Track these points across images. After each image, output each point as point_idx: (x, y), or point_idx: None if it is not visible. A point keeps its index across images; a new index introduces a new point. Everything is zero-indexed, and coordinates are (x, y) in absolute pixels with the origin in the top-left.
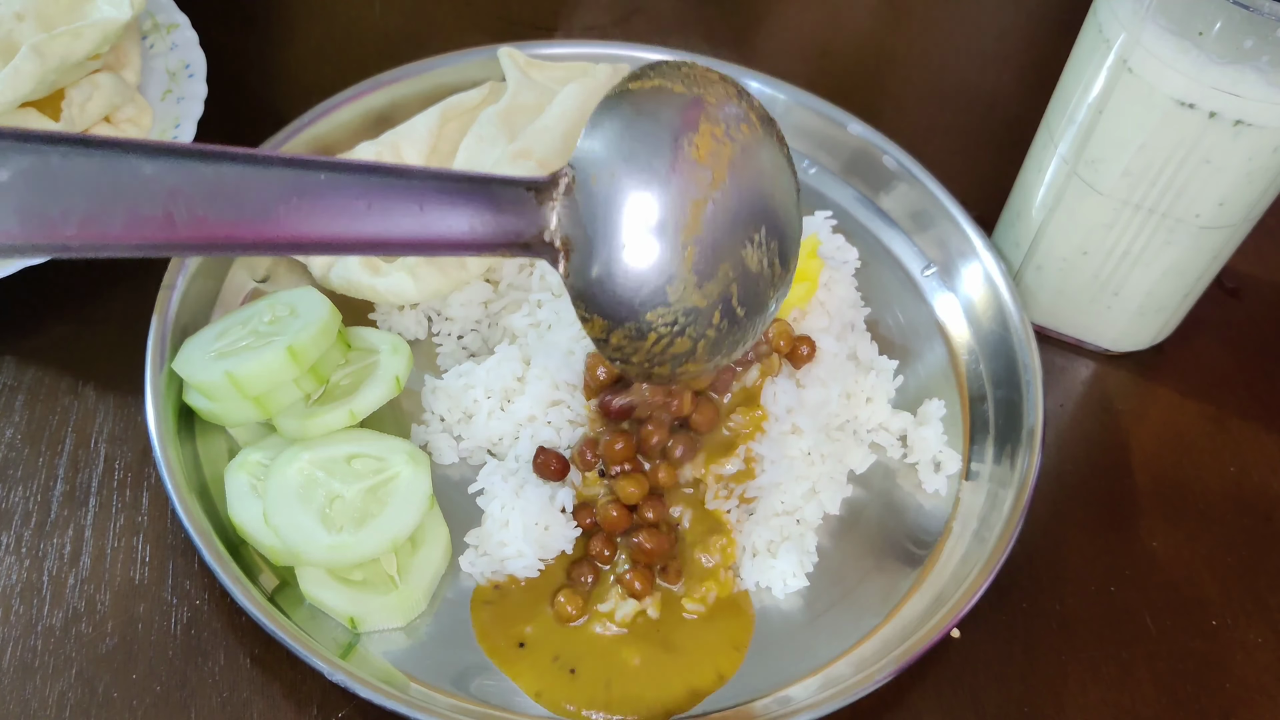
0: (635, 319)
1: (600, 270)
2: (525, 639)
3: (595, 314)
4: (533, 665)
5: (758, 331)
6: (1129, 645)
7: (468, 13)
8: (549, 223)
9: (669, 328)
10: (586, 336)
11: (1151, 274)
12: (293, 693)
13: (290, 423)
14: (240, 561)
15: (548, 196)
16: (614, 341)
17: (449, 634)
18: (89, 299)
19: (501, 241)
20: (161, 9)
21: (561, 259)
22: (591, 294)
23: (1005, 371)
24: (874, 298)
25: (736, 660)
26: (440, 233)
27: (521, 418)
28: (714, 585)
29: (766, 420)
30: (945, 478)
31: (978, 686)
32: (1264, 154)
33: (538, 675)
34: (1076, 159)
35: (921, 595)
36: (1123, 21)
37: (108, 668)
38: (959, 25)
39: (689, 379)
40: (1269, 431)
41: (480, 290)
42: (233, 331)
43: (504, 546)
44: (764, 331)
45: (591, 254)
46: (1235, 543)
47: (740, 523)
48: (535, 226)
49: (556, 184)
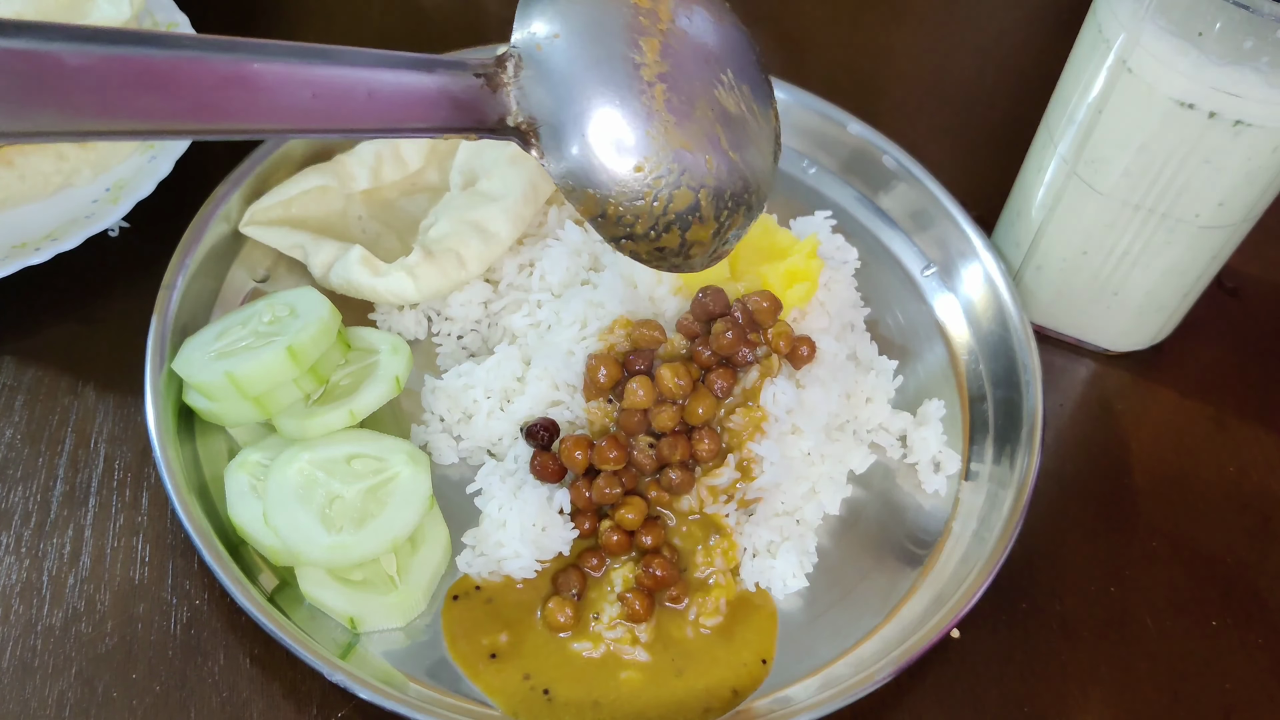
0: (624, 179)
1: (574, 138)
2: (499, 650)
3: (585, 187)
4: (505, 683)
5: (761, 181)
6: (1129, 645)
7: (468, 13)
8: (508, 108)
9: (661, 180)
10: (586, 336)
11: (1151, 274)
12: (293, 693)
13: (290, 423)
14: (240, 561)
15: (499, 82)
16: (611, 214)
17: None
18: (89, 299)
19: (458, 125)
20: (161, 8)
21: (533, 142)
22: (573, 169)
23: (1005, 371)
24: (874, 298)
25: (760, 675)
26: (394, 120)
27: (521, 418)
28: (721, 592)
29: (766, 421)
30: (945, 478)
31: (978, 686)
32: (1263, 154)
33: (509, 695)
34: (1076, 159)
35: (921, 595)
36: (1122, 22)
37: (107, 667)
38: (959, 25)
39: (703, 255)
40: (1269, 431)
41: (480, 290)
42: (232, 331)
43: (501, 547)
44: (767, 190)
45: (560, 126)
46: (1235, 543)
47: (740, 524)
48: (495, 113)
49: (504, 66)
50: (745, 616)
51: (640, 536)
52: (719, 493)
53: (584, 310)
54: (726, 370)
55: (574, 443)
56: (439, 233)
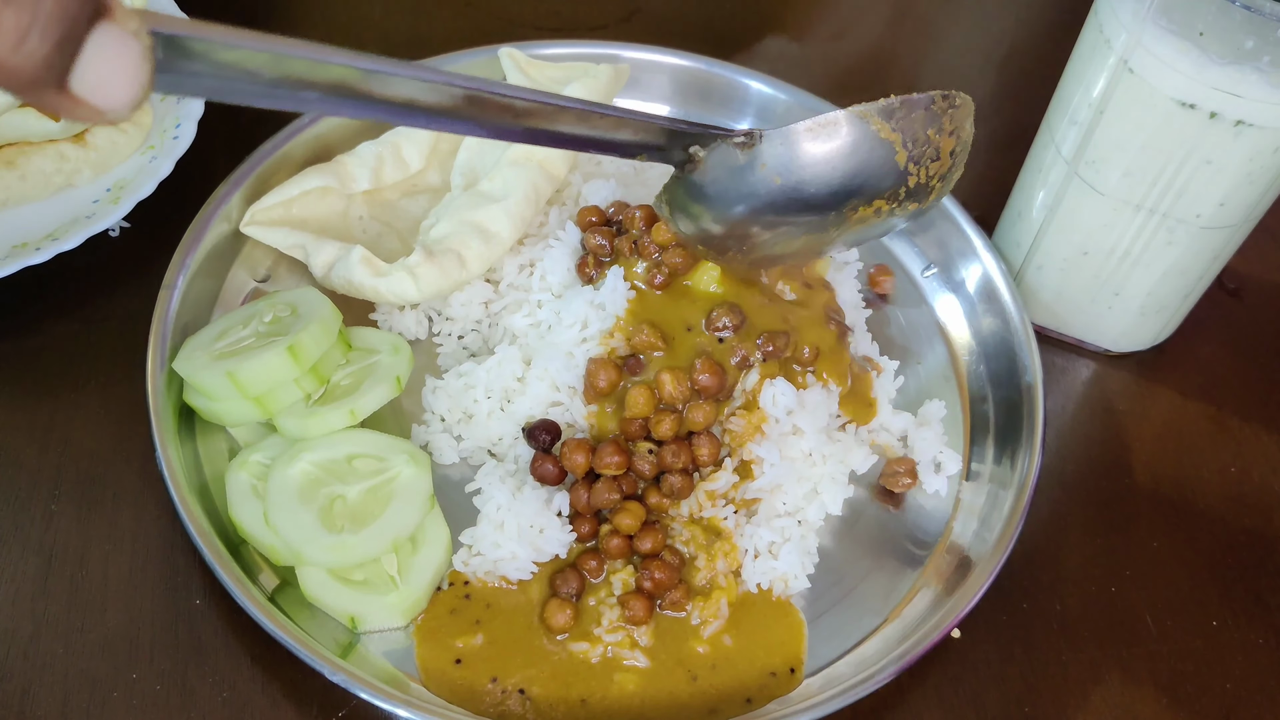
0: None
1: (708, 197)
2: (462, 655)
3: (688, 206)
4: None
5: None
6: (1129, 645)
7: (468, 13)
8: (700, 146)
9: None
10: (587, 338)
11: (1152, 274)
12: (293, 692)
13: (291, 422)
14: (241, 561)
15: (723, 138)
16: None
17: None
18: (89, 299)
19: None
20: (161, 8)
21: (689, 168)
22: (685, 202)
23: (1006, 372)
24: (875, 298)
25: (790, 684)
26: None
27: (522, 418)
28: (722, 594)
29: (766, 422)
30: (945, 478)
31: (978, 686)
32: (1265, 154)
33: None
34: (1077, 159)
35: (922, 595)
36: (1124, 22)
37: (108, 667)
38: (959, 25)
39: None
40: (1269, 431)
41: (481, 290)
42: (233, 331)
43: (498, 547)
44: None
45: (709, 189)
46: (1235, 543)
47: (740, 526)
48: (683, 147)
49: (737, 136)
50: (769, 623)
51: (639, 541)
52: (717, 497)
53: (584, 311)
54: (720, 373)
55: (575, 446)
56: (440, 233)
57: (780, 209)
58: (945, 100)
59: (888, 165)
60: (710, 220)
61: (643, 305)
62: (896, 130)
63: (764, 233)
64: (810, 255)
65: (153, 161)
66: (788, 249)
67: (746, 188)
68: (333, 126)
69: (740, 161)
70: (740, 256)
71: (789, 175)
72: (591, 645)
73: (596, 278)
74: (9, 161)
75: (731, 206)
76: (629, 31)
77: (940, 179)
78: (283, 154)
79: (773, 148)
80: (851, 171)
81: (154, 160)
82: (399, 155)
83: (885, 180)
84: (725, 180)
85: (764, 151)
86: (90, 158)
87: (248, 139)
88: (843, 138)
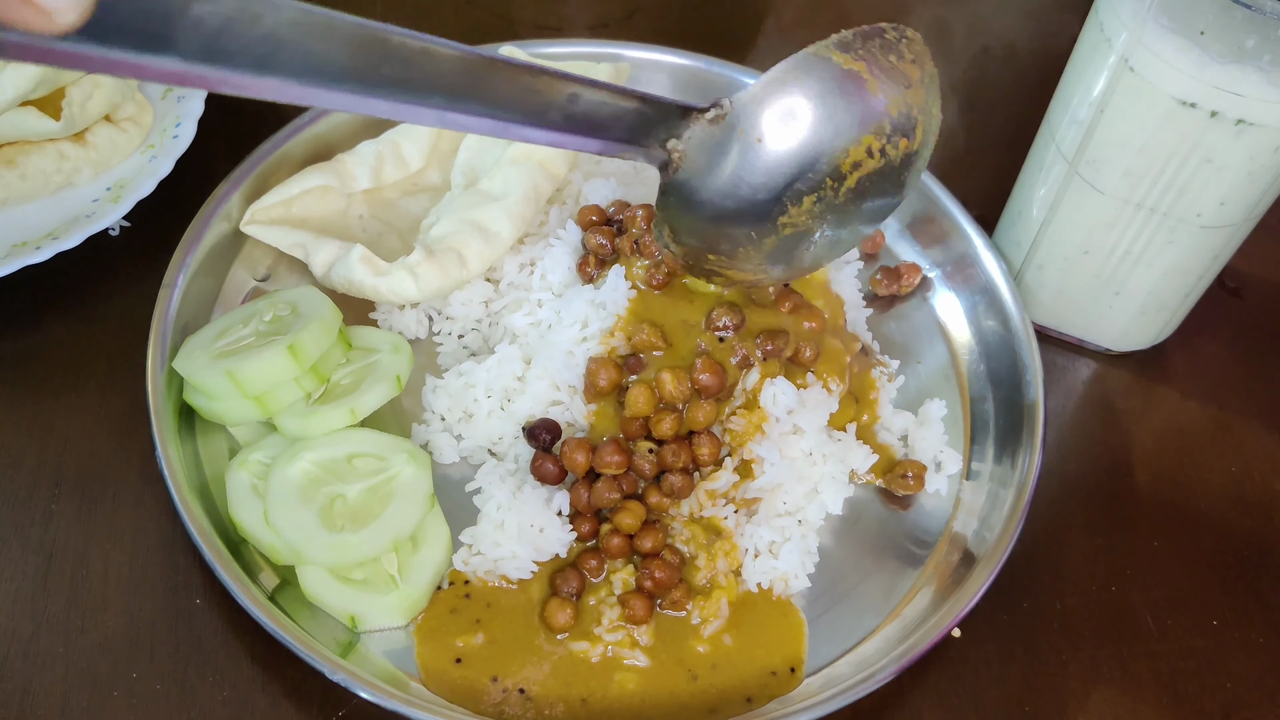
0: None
1: (700, 194)
2: (463, 654)
3: (673, 224)
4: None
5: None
6: (1129, 645)
7: (468, 12)
8: (678, 134)
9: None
10: (587, 337)
11: (1153, 273)
12: (293, 692)
13: (291, 422)
14: (241, 560)
15: (694, 118)
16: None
17: None
18: (89, 298)
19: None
20: None
21: (672, 169)
22: (675, 208)
23: (1006, 371)
24: (875, 298)
25: (790, 683)
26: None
27: (522, 417)
28: (722, 593)
29: (766, 422)
30: (946, 478)
31: (978, 686)
32: (1265, 153)
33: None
34: (1078, 158)
35: (922, 595)
36: (1124, 21)
37: (108, 667)
38: (959, 25)
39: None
40: (1270, 431)
41: (481, 289)
42: (233, 330)
43: (498, 547)
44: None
45: (696, 183)
46: (1236, 542)
47: (740, 525)
48: (660, 137)
49: (707, 111)
50: (769, 622)
51: (639, 540)
52: (717, 496)
53: (585, 310)
54: (719, 373)
55: (575, 445)
56: (440, 232)
57: (771, 172)
58: (896, 31)
59: (862, 95)
60: (710, 221)
61: (643, 304)
62: (859, 59)
63: (765, 223)
64: (817, 256)
65: (153, 160)
66: (794, 248)
67: (732, 163)
68: (334, 125)
69: (718, 137)
70: (747, 265)
71: (770, 131)
72: (592, 644)
73: (597, 277)
74: (9, 160)
75: (724, 193)
76: (629, 31)
77: (921, 111)
78: (283, 153)
79: (744, 109)
80: (828, 110)
81: (154, 159)
82: (399, 154)
83: (867, 113)
84: (710, 164)
85: (738, 117)
86: (90, 157)
87: (248, 138)
88: (810, 76)
